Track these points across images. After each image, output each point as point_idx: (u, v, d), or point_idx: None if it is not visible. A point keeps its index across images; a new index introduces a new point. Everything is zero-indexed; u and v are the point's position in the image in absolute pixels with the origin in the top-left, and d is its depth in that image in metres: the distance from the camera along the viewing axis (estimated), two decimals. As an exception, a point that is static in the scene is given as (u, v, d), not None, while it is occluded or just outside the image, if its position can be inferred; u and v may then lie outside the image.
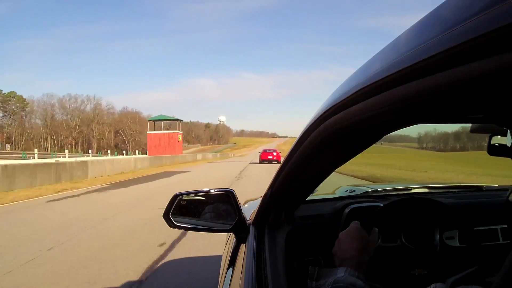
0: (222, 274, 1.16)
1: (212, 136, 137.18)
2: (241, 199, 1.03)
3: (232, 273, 0.98)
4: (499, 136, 0.95)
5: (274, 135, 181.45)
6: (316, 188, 0.81)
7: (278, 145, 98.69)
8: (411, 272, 0.91)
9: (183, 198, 0.99)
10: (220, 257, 1.45)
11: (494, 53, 0.20)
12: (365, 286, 0.55)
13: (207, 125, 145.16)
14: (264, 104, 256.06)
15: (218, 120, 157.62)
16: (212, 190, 1.00)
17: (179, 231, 3.80)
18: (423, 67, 0.26)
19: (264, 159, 22.70)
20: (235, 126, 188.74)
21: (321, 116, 0.47)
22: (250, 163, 25.42)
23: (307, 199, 0.93)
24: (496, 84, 0.22)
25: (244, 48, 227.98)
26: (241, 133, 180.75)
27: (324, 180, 0.71)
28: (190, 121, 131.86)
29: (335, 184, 1.49)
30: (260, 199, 0.92)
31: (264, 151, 24.07)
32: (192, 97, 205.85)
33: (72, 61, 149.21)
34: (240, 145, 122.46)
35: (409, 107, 0.30)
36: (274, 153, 23.15)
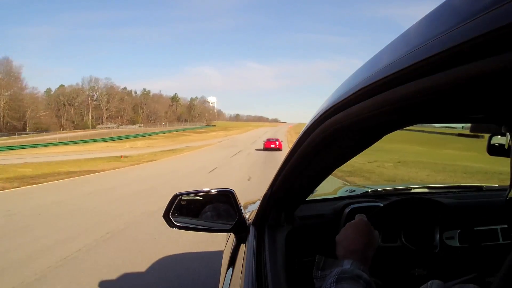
0: (222, 274, 1.16)
1: (181, 116, 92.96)
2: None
3: (232, 273, 0.98)
4: (499, 136, 0.95)
5: (276, 120, 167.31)
6: (316, 188, 0.81)
7: (291, 127, 72.70)
8: (411, 272, 0.90)
9: (183, 198, 0.99)
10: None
11: (494, 53, 0.20)
12: (370, 280, 0.55)
13: (174, 98, 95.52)
14: (266, 93, 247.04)
15: (208, 101, 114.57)
16: (212, 190, 1.00)
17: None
18: (423, 67, 0.26)
19: (267, 147, 25.47)
20: (229, 111, 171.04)
21: (321, 116, 0.47)
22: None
23: (307, 199, 0.93)
24: (496, 84, 0.22)
25: (248, 38, 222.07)
26: (236, 118, 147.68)
27: (324, 180, 0.71)
28: (145, 89, 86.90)
29: (337, 184, 1.49)
30: (259, 201, 0.92)
31: (268, 140, 26.68)
32: (191, 85, 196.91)
33: (70, 48, 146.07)
34: (218, 128, 72.97)
35: (410, 107, 0.30)
36: (277, 142, 25.97)
